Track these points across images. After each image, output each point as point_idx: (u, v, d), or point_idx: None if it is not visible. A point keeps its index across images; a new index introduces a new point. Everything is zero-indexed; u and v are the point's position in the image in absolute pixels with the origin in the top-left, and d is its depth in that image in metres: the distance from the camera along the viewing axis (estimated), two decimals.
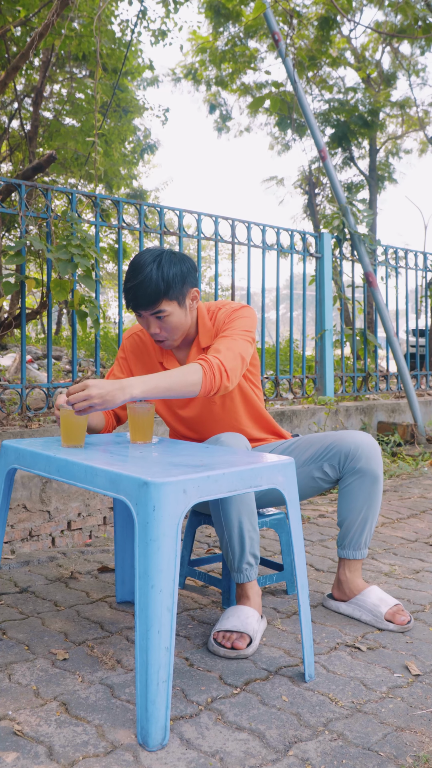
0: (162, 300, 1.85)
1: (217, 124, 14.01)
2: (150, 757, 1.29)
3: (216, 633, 1.78)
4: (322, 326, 4.60)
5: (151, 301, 1.85)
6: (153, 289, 1.83)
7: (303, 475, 1.99)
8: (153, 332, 1.91)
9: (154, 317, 1.89)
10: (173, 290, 1.86)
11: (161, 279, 1.83)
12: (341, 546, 2.00)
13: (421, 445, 4.80)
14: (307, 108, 4.89)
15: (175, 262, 1.87)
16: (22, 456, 1.70)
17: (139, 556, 1.31)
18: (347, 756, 1.31)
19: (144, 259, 1.86)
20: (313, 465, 1.98)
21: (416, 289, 5.58)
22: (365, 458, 1.91)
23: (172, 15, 8.63)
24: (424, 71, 12.56)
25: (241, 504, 1.78)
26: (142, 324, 1.94)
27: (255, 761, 1.29)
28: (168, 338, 1.93)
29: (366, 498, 1.94)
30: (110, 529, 3.06)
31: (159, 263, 1.85)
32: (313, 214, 14.74)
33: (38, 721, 1.41)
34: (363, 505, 1.94)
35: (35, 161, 4.42)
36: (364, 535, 1.97)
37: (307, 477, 1.99)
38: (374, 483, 1.93)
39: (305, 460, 1.99)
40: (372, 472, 1.92)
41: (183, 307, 1.91)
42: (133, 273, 1.86)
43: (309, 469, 1.98)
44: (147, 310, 1.87)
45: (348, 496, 1.95)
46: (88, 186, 12.23)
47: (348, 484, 1.95)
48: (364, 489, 1.93)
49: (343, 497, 1.97)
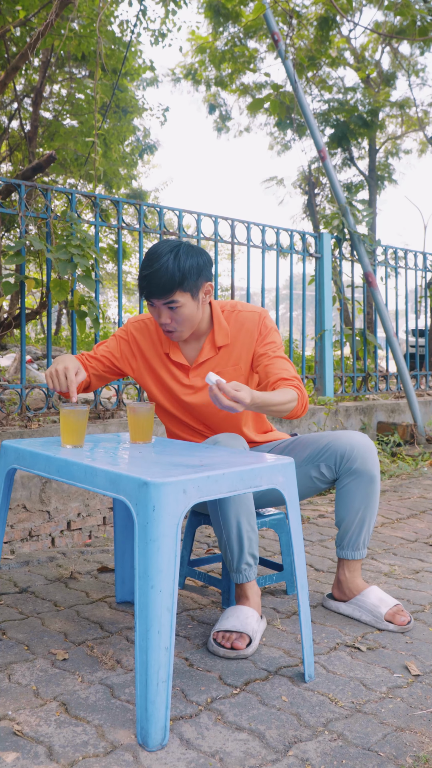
0: (176, 290, 1.86)
1: (217, 125, 14.01)
2: (150, 758, 1.29)
3: (215, 633, 1.78)
4: (321, 326, 4.60)
5: (165, 291, 1.85)
6: (168, 279, 1.84)
7: (300, 475, 1.99)
8: (163, 322, 1.91)
9: (166, 307, 1.89)
10: (188, 282, 1.86)
11: (177, 269, 1.84)
12: (340, 546, 2.00)
13: (421, 445, 4.80)
14: (306, 108, 4.89)
15: (192, 254, 1.88)
16: (21, 456, 1.70)
17: (138, 557, 1.31)
18: (347, 756, 1.31)
19: (161, 249, 1.87)
20: (310, 465, 1.98)
21: (416, 289, 5.58)
22: (360, 459, 1.91)
23: (172, 16, 8.62)
24: (424, 71, 12.56)
25: (239, 504, 1.78)
26: (153, 313, 1.94)
27: (255, 761, 1.29)
28: (177, 329, 1.93)
29: (363, 498, 1.93)
30: (110, 529, 3.06)
31: (176, 254, 1.86)
32: (312, 214, 14.74)
33: (38, 721, 1.41)
34: (360, 506, 1.94)
35: (35, 161, 4.42)
36: (363, 535, 1.97)
37: (305, 477, 1.99)
38: (371, 483, 1.92)
39: (303, 460, 1.99)
40: (368, 473, 1.91)
41: (196, 299, 1.92)
42: (149, 261, 1.87)
43: (306, 469, 1.98)
44: (160, 300, 1.88)
45: (345, 497, 1.95)
46: (88, 186, 12.24)
47: (345, 485, 1.95)
48: (360, 489, 1.93)
49: (340, 498, 1.97)
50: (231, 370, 2.02)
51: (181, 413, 2.08)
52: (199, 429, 2.08)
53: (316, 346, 4.67)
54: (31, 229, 8.04)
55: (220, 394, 1.63)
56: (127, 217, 3.93)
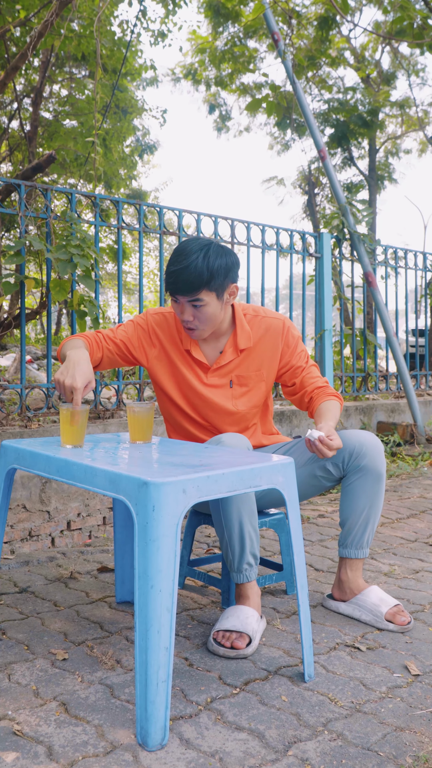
0: (202, 289, 1.86)
1: (217, 124, 14.01)
2: (149, 757, 1.29)
3: (215, 632, 1.78)
4: (321, 326, 4.60)
5: (192, 289, 1.85)
6: (196, 277, 1.84)
7: (306, 473, 1.99)
8: (186, 319, 1.92)
9: (190, 304, 1.89)
10: (215, 281, 1.87)
11: (206, 268, 1.85)
12: (343, 545, 2.00)
13: (421, 445, 4.80)
14: (306, 108, 4.89)
15: (221, 255, 1.89)
16: (21, 456, 1.70)
17: (138, 556, 1.31)
18: (347, 756, 1.31)
19: (191, 246, 1.88)
20: (316, 464, 1.98)
21: (416, 289, 5.58)
22: (369, 456, 1.92)
23: (171, 16, 8.62)
24: (424, 71, 12.57)
25: (241, 504, 1.78)
26: (176, 309, 1.94)
27: (254, 761, 1.29)
28: (198, 327, 1.94)
29: (369, 497, 1.94)
30: (110, 529, 3.06)
31: (206, 253, 1.86)
32: (312, 214, 14.73)
33: (38, 721, 1.41)
34: (366, 504, 1.94)
35: (35, 161, 4.42)
36: (367, 533, 1.97)
37: (310, 475, 1.99)
38: (377, 481, 1.93)
39: (308, 458, 1.99)
40: (375, 470, 1.92)
41: (221, 300, 1.92)
42: (177, 258, 1.87)
43: (312, 467, 1.99)
44: (185, 296, 1.88)
45: (351, 495, 1.95)
46: (88, 186, 12.23)
47: (351, 483, 1.95)
48: (367, 487, 1.93)
49: (345, 496, 1.97)
50: (254, 375, 2.04)
51: (191, 408, 2.06)
52: (205, 425, 2.07)
53: (315, 346, 4.67)
54: (31, 229, 8.03)
55: (324, 449, 1.77)
56: (127, 217, 3.93)
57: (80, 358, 1.82)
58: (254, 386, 2.04)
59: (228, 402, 2.02)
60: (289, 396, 2.15)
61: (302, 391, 2.07)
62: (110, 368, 2.15)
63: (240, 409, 2.03)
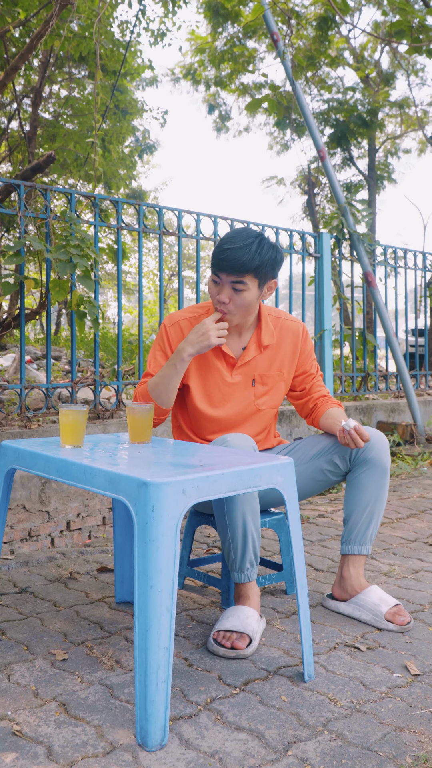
0: (249, 273, 1.89)
1: (216, 124, 14.00)
2: (149, 758, 1.29)
3: (216, 633, 1.78)
4: (321, 326, 4.60)
5: (240, 270, 1.87)
6: (248, 259, 1.87)
7: (312, 468, 2.02)
8: (222, 300, 1.93)
9: (231, 286, 1.91)
10: (262, 270, 1.90)
11: (258, 254, 1.88)
12: (346, 541, 2.01)
13: (421, 444, 4.80)
14: (306, 108, 4.89)
15: (272, 248, 1.93)
16: (21, 456, 1.69)
17: (138, 557, 1.31)
18: (346, 756, 1.31)
19: (247, 232, 1.92)
20: (323, 458, 2.01)
21: (415, 289, 5.58)
22: (376, 449, 1.96)
23: (171, 15, 8.61)
24: (423, 71, 12.57)
25: (246, 503, 1.78)
26: (214, 290, 1.95)
27: (254, 761, 1.29)
28: (232, 311, 1.95)
29: (374, 490, 1.96)
30: (109, 529, 3.06)
31: (260, 241, 1.90)
32: (312, 214, 14.73)
33: (37, 722, 1.41)
34: (371, 498, 1.97)
35: (34, 162, 4.42)
36: (370, 530, 1.99)
37: (316, 470, 2.02)
38: (383, 475, 1.96)
39: (314, 454, 2.03)
40: (381, 464, 1.96)
41: (260, 290, 1.95)
42: (232, 239, 1.89)
43: (318, 462, 2.02)
44: (231, 276, 1.89)
45: (356, 488, 1.98)
46: (87, 186, 12.23)
47: (357, 476, 1.98)
48: (372, 481, 1.96)
49: (350, 489, 2.00)
50: (275, 374, 2.08)
51: (213, 407, 2.04)
52: (226, 425, 2.06)
53: (315, 345, 4.67)
54: (31, 229, 8.04)
55: (358, 438, 1.87)
56: (127, 217, 3.93)
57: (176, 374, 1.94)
58: (274, 385, 2.09)
59: (251, 400, 2.06)
60: (293, 399, 2.20)
61: (307, 397, 2.15)
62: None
63: (261, 408, 2.08)
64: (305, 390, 2.15)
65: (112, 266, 16.15)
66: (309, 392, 2.15)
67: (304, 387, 2.15)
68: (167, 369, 1.94)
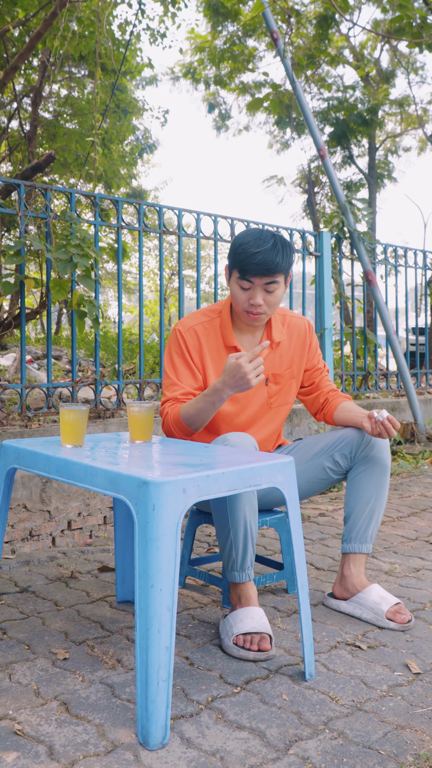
0: (281, 272, 1.92)
1: (216, 123, 14.00)
2: (150, 756, 1.29)
3: (236, 638, 1.74)
4: (321, 325, 4.60)
5: (273, 270, 1.90)
6: (279, 259, 1.90)
7: (313, 467, 2.03)
8: (256, 303, 1.94)
9: (263, 287, 1.93)
10: (287, 267, 1.95)
11: (284, 252, 1.92)
12: (347, 540, 2.01)
13: (421, 443, 4.80)
14: (306, 107, 4.88)
15: (287, 243, 1.96)
16: (22, 456, 1.70)
17: (139, 556, 1.31)
18: (348, 754, 1.31)
19: (265, 233, 1.94)
20: (324, 456, 2.03)
21: (416, 288, 5.58)
22: (377, 447, 1.97)
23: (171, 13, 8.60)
24: (423, 69, 12.57)
25: (247, 503, 1.78)
26: (243, 296, 1.95)
27: (255, 760, 1.29)
28: (266, 312, 1.98)
29: (375, 488, 1.97)
30: (110, 528, 3.07)
31: (280, 239, 1.94)
32: (312, 212, 14.72)
33: (39, 721, 1.41)
34: (371, 496, 1.98)
35: (34, 161, 4.42)
36: (371, 528, 1.99)
37: (318, 468, 2.03)
38: (383, 473, 1.97)
39: (316, 452, 2.04)
40: (382, 462, 1.97)
41: (285, 286, 1.99)
42: (258, 242, 1.90)
43: (320, 460, 2.03)
44: (264, 277, 1.91)
45: (357, 486, 1.99)
46: (87, 186, 12.23)
47: (358, 473, 1.99)
48: (373, 478, 1.97)
49: (351, 487, 2.01)
50: (286, 372, 2.10)
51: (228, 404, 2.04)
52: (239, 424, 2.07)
53: None
54: (31, 228, 8.03)
55: (391, 428, 1.88)
56: (127, 216, 3.93)
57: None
58: (286, 383, 2.11)
59: (265, 399, 2.08)
60: (303, 396, 2.22)
61: (318, 392, 2.18)
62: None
63: (275, 407, 2.10)
64: (314, 384, 2.17)
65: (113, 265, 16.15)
66: (318, 386, 2.17)
67: (313, 381, 2.17)
68: (203, 404, 1.88)
